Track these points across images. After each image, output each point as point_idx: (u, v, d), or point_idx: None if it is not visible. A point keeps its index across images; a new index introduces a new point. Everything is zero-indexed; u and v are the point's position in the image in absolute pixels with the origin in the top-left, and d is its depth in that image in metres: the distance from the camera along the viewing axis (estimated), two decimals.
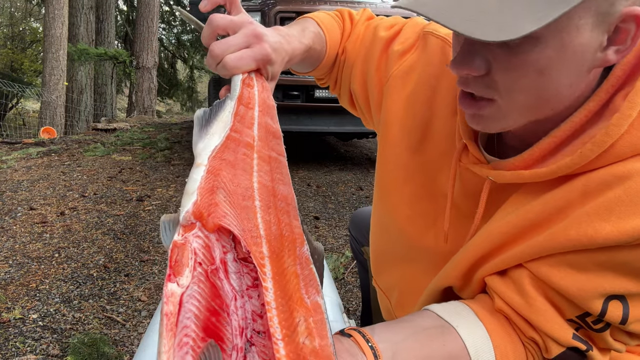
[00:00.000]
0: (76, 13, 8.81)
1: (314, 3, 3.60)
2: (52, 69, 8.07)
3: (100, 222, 2.64)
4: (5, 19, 16.63)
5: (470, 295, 0.67)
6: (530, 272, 0.57)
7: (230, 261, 0.48)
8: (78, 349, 1.46)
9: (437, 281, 0.69)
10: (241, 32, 0.60)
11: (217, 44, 0.59)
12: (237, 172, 0.53)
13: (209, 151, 0.53)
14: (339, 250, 2.36)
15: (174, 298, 0.41)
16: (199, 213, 0.47)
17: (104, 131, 6.60)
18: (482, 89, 0.53)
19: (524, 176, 0.56)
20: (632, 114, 0.49)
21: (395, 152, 0.77)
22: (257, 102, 0.60)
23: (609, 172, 0.51)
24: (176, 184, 3.44)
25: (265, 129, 0.59)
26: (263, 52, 0.61)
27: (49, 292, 1.86)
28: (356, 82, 0.85)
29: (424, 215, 0.74)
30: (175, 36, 14.49)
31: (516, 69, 0.49)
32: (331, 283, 1.16)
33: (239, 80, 0.59)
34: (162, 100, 14.91)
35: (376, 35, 0.82)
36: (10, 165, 3.98)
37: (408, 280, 0.81)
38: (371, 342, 0.54)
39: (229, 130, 0.55)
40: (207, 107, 0.58)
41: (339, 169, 4.05)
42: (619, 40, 0.48)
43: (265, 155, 0.56)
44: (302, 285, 0.47)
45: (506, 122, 0.55)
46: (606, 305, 0.52)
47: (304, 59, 0.76)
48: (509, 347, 0.59)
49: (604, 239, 0.50)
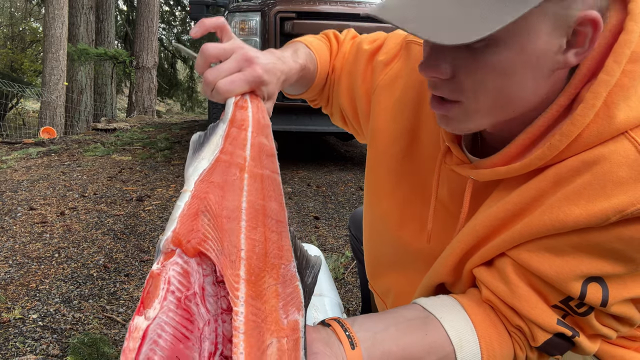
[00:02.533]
0: (76, 13, 8.81)
1: (314, 3, 3.60)
2: (52, 69, 8.07)
3: (100, 222, 2.64)
4: (5, 19, 16.63)
5: (461, 290, 0.68)
6: (512, 259, 0.59)
7: (208, 285, 0.49)
8: (78, 349, 1.46)
9: (428, 279, 0.70)
10: (232, 58, 0.62)
11: (210, 71, 0.61)
12: (224, 194, 0.54)
13: (197, 175, 0.54)
14: (339, 250, 2.36)
15: (136, 333, 0.42)
16: (177, 240, 0.48)
17: (104, 131, 6.61)
18: (449, 92, 0.55)
19: (500, 172, 0.58)
20: (595, 103, 0.51)
21: (385, 159, 0.79)
22: (251, 123, 0.61)
23: (578, 159, 0.53)
24: (176, 184, 3.44)
25: (258, 148, 0.60)
26: (255, 74, 0.62)
27: (49, 292, 1.86)
28: (342, 96, 0.88)
29: (415, 219, 0.76)
30: (175, 36, 14.49)
31: (479, 72, 0.51)
32: (331, 283, 1.16)
33: (231, 103, 0.61)
34: (162, 100, 14.91)
35: (360, 49, 0.85)
36: (10, 165, 3.98)
37: (403, 283, 0.82)
38: (349, 331, 0.56)
39: (218, 152, 0.56)
40: (203, 132, 0.60)
41: (339, 169, 4.06)
42: (578, 43, 0.50)
43: (257, 173, 0.57)
44: (280, 305, 0.48)
45: (473, 123, 0.57)
46: (585, 287, 0.54)
47: (300, 78, 0.78)
48: (495, 337, 0.60)
49: (574, 222, 0.52)
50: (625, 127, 0.51)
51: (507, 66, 0.50)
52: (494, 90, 0.52)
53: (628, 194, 0.49)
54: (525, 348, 0.61)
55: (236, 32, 3.54)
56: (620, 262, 0.53)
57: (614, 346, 0.62)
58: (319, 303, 1.04)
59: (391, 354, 0.56)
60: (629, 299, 0.56)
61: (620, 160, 0.50)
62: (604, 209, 0.50)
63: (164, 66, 13.55)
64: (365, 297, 1.36)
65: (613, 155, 0.51)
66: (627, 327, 0.59)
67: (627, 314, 0.57)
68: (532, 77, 0.52)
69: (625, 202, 0.49)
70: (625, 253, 0.52)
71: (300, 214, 2.90)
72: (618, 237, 0.51)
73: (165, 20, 14.02)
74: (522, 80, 0.52)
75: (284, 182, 3.58)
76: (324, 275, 1.18)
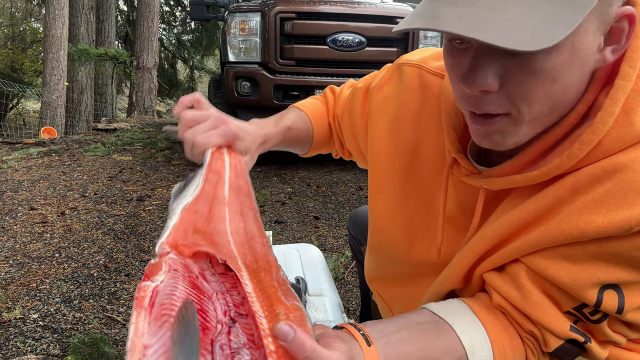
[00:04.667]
0: (76, 13, 8.81)
1: (314, 3, 3.60)
2: (52, 69, 8.07)
3: (100, 222, 2.65)
4: (6, 19, 16.64)
5: (470, 294, 0.67)
6: (526, 265, 0.58)
7: (209, 275, 0.51)
8: (78, 349, 1.46)
9: (437, 286, 0.70)
10: (210, 119, 0.71)
11: (188, 132, 0.70)
12: (210, 218, 0.58)
13: (182, 206, 0.57)
14: (339, 250, 2.37)
15: (146, 288, 0.43)
16: (174, 242, 0.51)
17: (104, 131, 6.61)
18: (497, 106, 0.52)
19: (516, 180, 0.57)
20: (614, 110, 0.50)
21: (389, 179, 0.79)
22: (228, 168, 0.67)
23: (597, 167, 0.52)
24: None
25: (237, 189, 0.64)
26: (228, 129, 0.70)
27: (50, 292, 1.86)
28: (347, 137, 0.92)
29: (424, 236, 0.75)
30: (175, 36, 14.49)
31: (531, 80, 0.49)
32: (331, 283, 1.16)
33: (209, 153, 0.67)
34: (162, 100, 14.90)
35: (356, 90, 0.89)
36: (11, 165, 3.98)
37: (412, 292, 0.81)
38: (363, 331, 0.55)
39: (199, 190, 0.61)
40: (182, 182, 0.65)
41: (339, 169, 4.06)
42: (614, 40, 0.50)
43: (237, 209, 0.61)
44: (280, 294, 0.50)
45: (517, 135, 0.54)
46: (601, 295, 0.53)
47: (291, 138, 0.87)
48: (507, 342, 0.59)
49: (595, 231, 0.51)
50: None
51: (558, 70, 0.48)
52: (544, 97, 0.50)
53: None
54: (538, 353, 0.60)
55: (236, 32, 3.54)
56: (638, 269, 0.52)
57: (622, 350, 0.62)
58: (319, 303, 1.04)
59: (407, 354, 0.55)
60: None
61: None
62: (626, 218, 0.49)
63: (164, 66, 13.55)
64: (365, 296, 1.36)
65: (635, 163, 0.50)
66: (637, 334, 0.59)
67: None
68: (577, 79, 0.50)
69: None
70: None
71: (300, 214, 2.90)
72: (638, 246, 0.50)
73: (166, 21, 14.02)
74: (569, 83, 0.50)
75: (284, 182, 3.58)
76: (324, 275, 1.18)
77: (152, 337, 0.39)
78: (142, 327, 0.39)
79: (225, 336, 0.44)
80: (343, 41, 3.47)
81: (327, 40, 3.47)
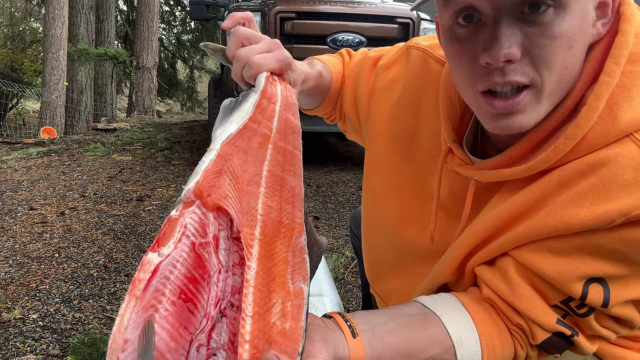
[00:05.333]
0: (76, 13, 8.81)
1: (314, 3, 3.60)
2: (52, 69, 8.06)
3: (100, 222, 2.64)
4: (6, 19, 16.63)
5: (463, 288, 0.68)
6: (514, 259, 0.59)
7: (222, 238, 0.51)
8: (78, 349, 1.46)
9: (430, 280, 0.70)
10: (263, 41, 0.68)
11: (243, 49, 0.67)
12: (248, 158, 0.56)
13: (224, 137, 0.56)
14: (339, 250, 2.36)
15: (148, 266, 0.44)
16: (199, 192, 0.50)
17: (104, 131, 6.61)
18: (521, 75, 0.51)
19: (505, 174, 0.58)
20: (599, 105, 0.51)
21: (385, 160, 0.80)
22: (280, 98, 0.64)
23: (583, 162, 0.53)
24: (176, 184, 3.44)
25: (285, 123, 0.62)
26: (284, 55, 0.68)
27: (49, 292, 1.86)
28: (346, 100, 0.91)
29: (417, 219, 0.76)
30: (175, 36, 14.49)
31: (552, 43, 0.50)
32: (331, 283, 1.16)
33: (263, 77, 0.65)
34: (162, 100, 14.90)
35: (366, 57, 0.90)
36: (11, 165, 3.98)
37: (405, 285, 0.82)
38: (350, 322, 0.57)
39: (247, 119, 0.59)
40: (234, 97, 0.63)
41: (339, 169, 4.05)
42: (603, 14, 0.54)
43: (280, 147, 0.60)
44: (289, 271, 0.50)
45: (542, 109, 0.54)
46: (587, 288, 0.54)
47: (317, 85, 0.84)
48: (495, 335, 0.60)
49: (579, 224, 0.52)
50: (629, 129, 0.51)
51: (573, 34, 0.50)
52: (562, 63, 0.51)
53: (633, 197, 0.49)
54: (526, 346, 0.61)
55: None
56: (623, 263, 0.53)
57: (616, 347, 0.62)
58: (319, 303, 1.04)
59: (392, 345, 0.56)
60: (630, 301, 0.56)
61: (626, 163, 0.50)
62: (608, 211, 0.50)
63: (164, 66, 13.55)
64: (366, 297, 1.36)
65: (618, 158, 0.51)
66: (626, 330, 0.60)
67: (628, 315, 0.57)
68: (582, 49, 0.53)
69: (630, 204, 0.49)
70: (628, 255, 0.52)
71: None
72: (621, 240, 0.51)
73: (165, 21, 14.02)
74: (578, 52, 0.52)
75: None
76: (324, 275, 1.18)
77: (135, 330, 0.39)
78: (126, 320, 0.39)
79: (205, 335, 0.45)
80: (343, 41, 3.47)
81: (327, 40, 3.47)
